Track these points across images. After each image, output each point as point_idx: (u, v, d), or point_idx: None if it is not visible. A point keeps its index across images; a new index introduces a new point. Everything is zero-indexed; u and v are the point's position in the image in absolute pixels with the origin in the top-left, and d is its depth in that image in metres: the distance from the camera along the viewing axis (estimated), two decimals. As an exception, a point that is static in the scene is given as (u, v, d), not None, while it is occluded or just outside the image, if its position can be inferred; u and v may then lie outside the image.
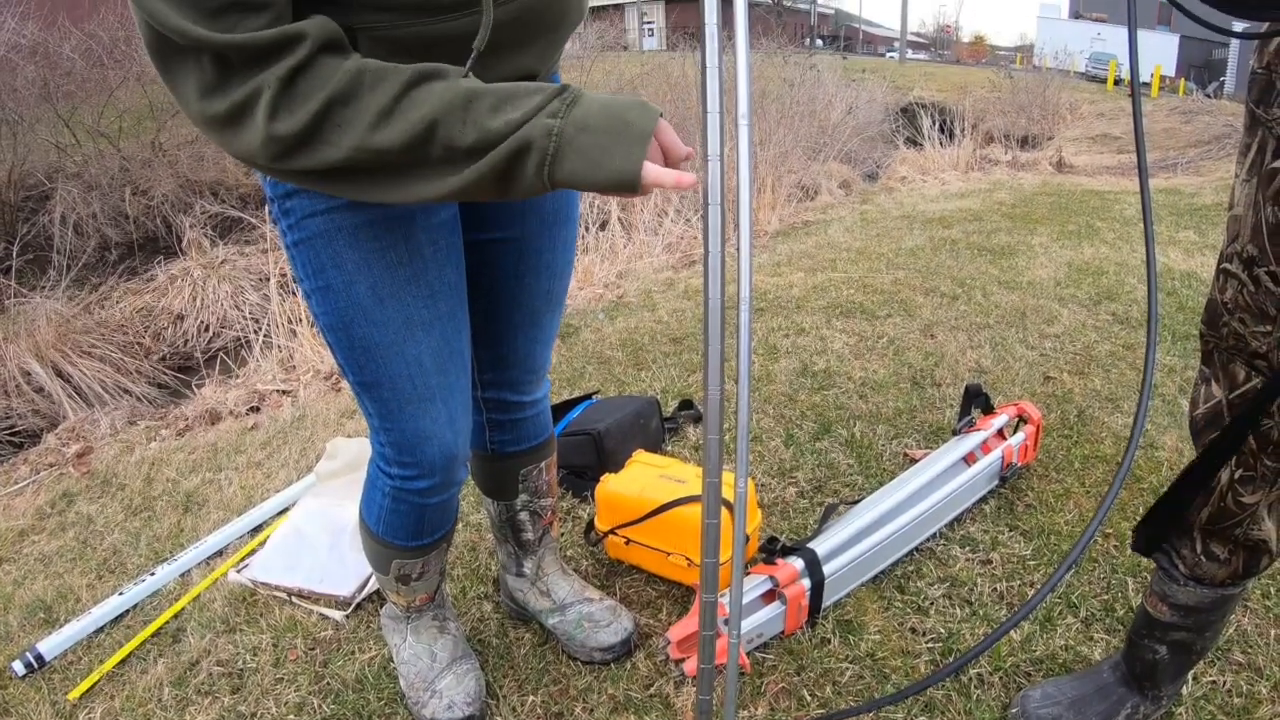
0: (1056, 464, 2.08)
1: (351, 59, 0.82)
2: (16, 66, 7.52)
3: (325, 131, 0.81)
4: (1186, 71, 25.84)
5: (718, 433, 0.88)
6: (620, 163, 0.81)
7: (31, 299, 5.56)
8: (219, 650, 1.68)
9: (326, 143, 0.81)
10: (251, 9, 0.77)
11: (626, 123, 0.82)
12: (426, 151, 0.82)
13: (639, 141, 0.81)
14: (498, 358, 1.34)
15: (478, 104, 0.81)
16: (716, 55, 0.76)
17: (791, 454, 2.22)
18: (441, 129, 0.81)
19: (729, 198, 0.81)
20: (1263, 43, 0.86)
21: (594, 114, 0.81)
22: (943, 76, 22.40)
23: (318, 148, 0.81)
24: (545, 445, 1.50)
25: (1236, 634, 1.48)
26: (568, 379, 2.91)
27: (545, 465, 1.51)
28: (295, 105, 0.79)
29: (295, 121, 0.79)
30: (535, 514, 1.53)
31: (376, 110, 0.80)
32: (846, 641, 1.53)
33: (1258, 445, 0.99)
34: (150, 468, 2.71)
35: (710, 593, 0.97)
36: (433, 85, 0.82)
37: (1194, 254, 4.10)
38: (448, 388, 1.17)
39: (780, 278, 4.06)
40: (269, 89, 0.78)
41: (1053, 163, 9.35)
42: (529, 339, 1.35)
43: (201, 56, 0.78)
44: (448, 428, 1.18)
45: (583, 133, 0.81)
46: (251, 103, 0.79)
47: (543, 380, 1.45)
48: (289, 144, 0.80)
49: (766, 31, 16.12)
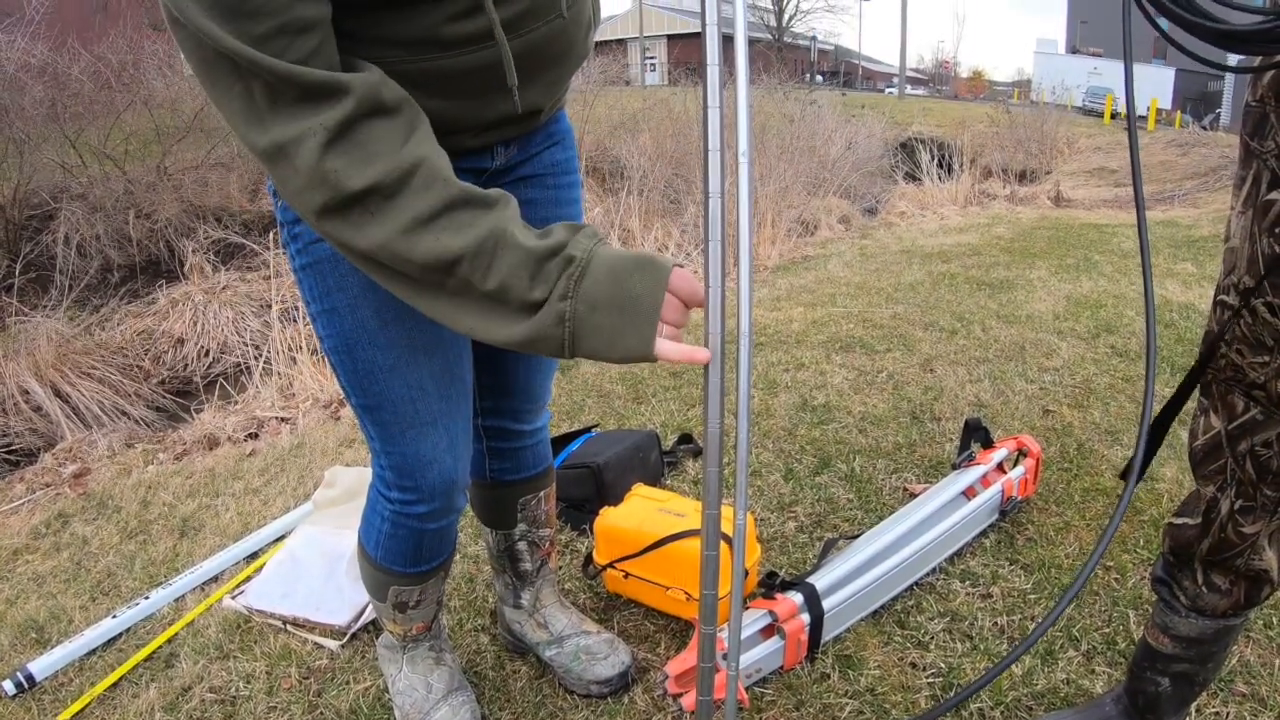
0: (1057, 497, 2.08)
1: (412, 138, 0.83)
2: (25, 86, 7.59)
3: (355, 214, 0.81)
4: (1182, 104, 26.09)
5: (717, 464, 0.89)
6: (633, 343, 0.84)
7: (32, 318, 5.57)
8: (212, 677, 1.66)
9: (352, 224, 0.82)
10: (300, 31, 0.77)
11: (634, 298, 0.84)
12: (442, 278, 0.84)
13: (648, 321, 0.84)
14: (499, 386, 1.35)
15: (506, 255, 0.83)
16: (718, 94, 0.77)
17: (791, 488, 2.22)
18: (464, 266, 0.82)
19: (729, 234, 0.83)
20: (1256, 76, 0.88)
21: (602, 286, 0.83)
22: (941, 112, 22.64)
23: (341, 227, 0.82)
24: (544, 475, 1.50)
25: (1239, 664, 1.47)
26: (567, 412, 2.91)
27: (544, 495, 1.51)
28: (338, 172, 0.79)
29: (331, 192, 0.80)
30: (534, 544, 1.53)
31: (413, 217, 0.81)
32: (846, 676, 1.52)
33: (1257, 475, 0.99)
34: (147, 491, 2.70)
35: (709, 625, 0.96)
36: (475, 214, 0.83)
37: (1192, 286, 4.13)
38: (449, 413, 1.17)
39: (780, 312, 4.08)
40: (314, 137, 0.78)
41: (1051, 197, 9.44)
42: (530, 368, 1.35)
43: (252, 83, 0.78)
44: (448, 453, 1.18)
45: (594, 312, 0.83)
46: (293, 147, 0.79)
47: (543, 410, 1.45)
48: (321, 207, 0.81)
49: (767, 68, 16.31)
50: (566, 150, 1.25)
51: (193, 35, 0.76)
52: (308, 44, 0.78)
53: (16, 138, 7.33)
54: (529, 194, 1.19)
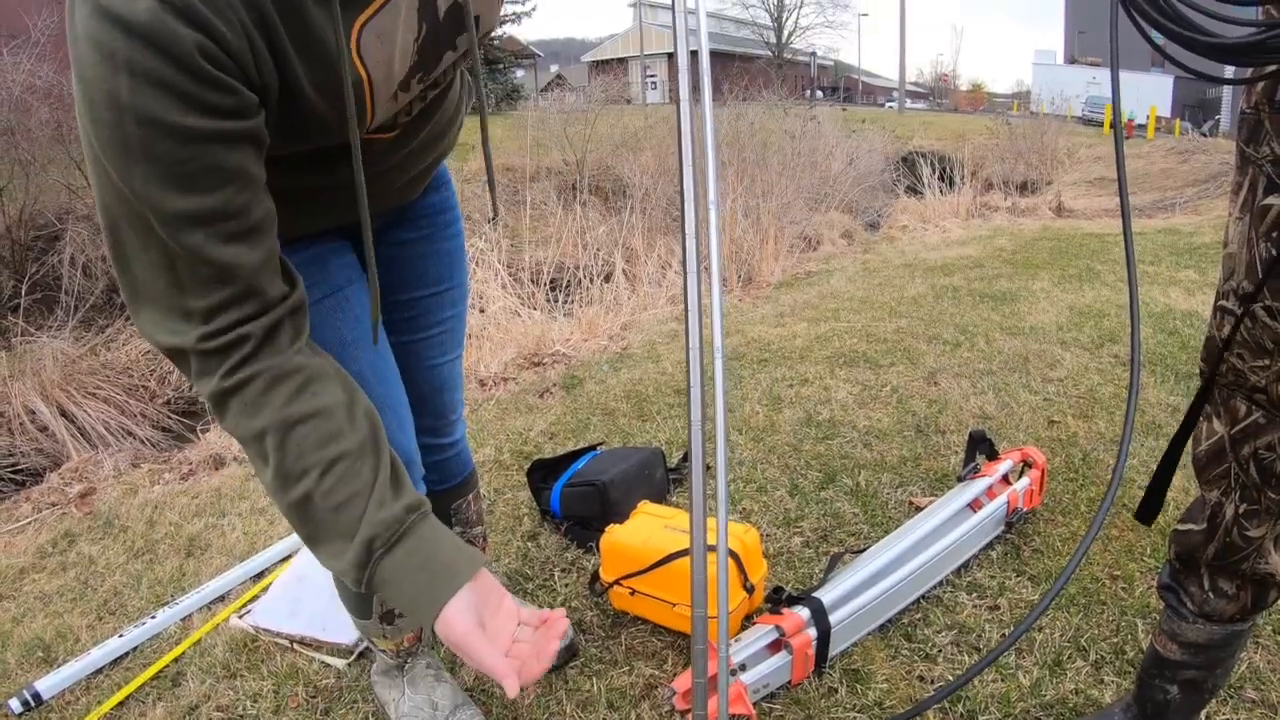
0: (1062, 508, 2.08)
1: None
2: (31, 108, 7.63)
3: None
4: (1181, 111, 26.14)
5: (701, 493, 0.90)
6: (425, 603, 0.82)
7: (38, 338, 5.59)
8: (219, 695, 1.66)
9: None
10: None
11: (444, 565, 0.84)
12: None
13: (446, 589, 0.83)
14: (411, 406, 1.38)
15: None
16: (690, 154, 0.81)
17: (797, 503, 2.22)
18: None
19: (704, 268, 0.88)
20: (1251, 84, 0.89)
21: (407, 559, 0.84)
22: (941, 125, 22.74)
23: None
24: (470, 479, 1.60)
25: (1248, 671, 1.46)
26: (573, 430, 2.91)
27: (472, 498, 1.62)
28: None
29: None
30: (470, 542, 1.55)
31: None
32: (854, 690, 1.51)
33: (1261, 479, 0.99)
34: (153, 510, 2.70)
35: (701, 642, 0.97)
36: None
37: (1195, 293, 4.13)
38: (391, 396, 1.22)
39: (784, 328, 4.09)
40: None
41: (1052, 207, 9.46)
42: (435, 388, 1.43)
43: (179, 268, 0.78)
44: (399, 431, 1.23)
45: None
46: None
47: (458, 422, 1.53)
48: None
49: (768, 84, 16.39)
50: (441, 192, 1.31)
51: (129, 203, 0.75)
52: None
53: (22, 159, 7.37)
54: (405, 235, 1.27)
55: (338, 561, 0.82)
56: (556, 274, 6.43)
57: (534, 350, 4.08)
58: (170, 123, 0.68)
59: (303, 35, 0.76)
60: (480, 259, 5.63)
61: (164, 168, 0.70)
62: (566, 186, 10.86)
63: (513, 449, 2.77)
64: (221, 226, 0.74)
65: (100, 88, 0.67)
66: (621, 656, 1.66)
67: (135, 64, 0.66)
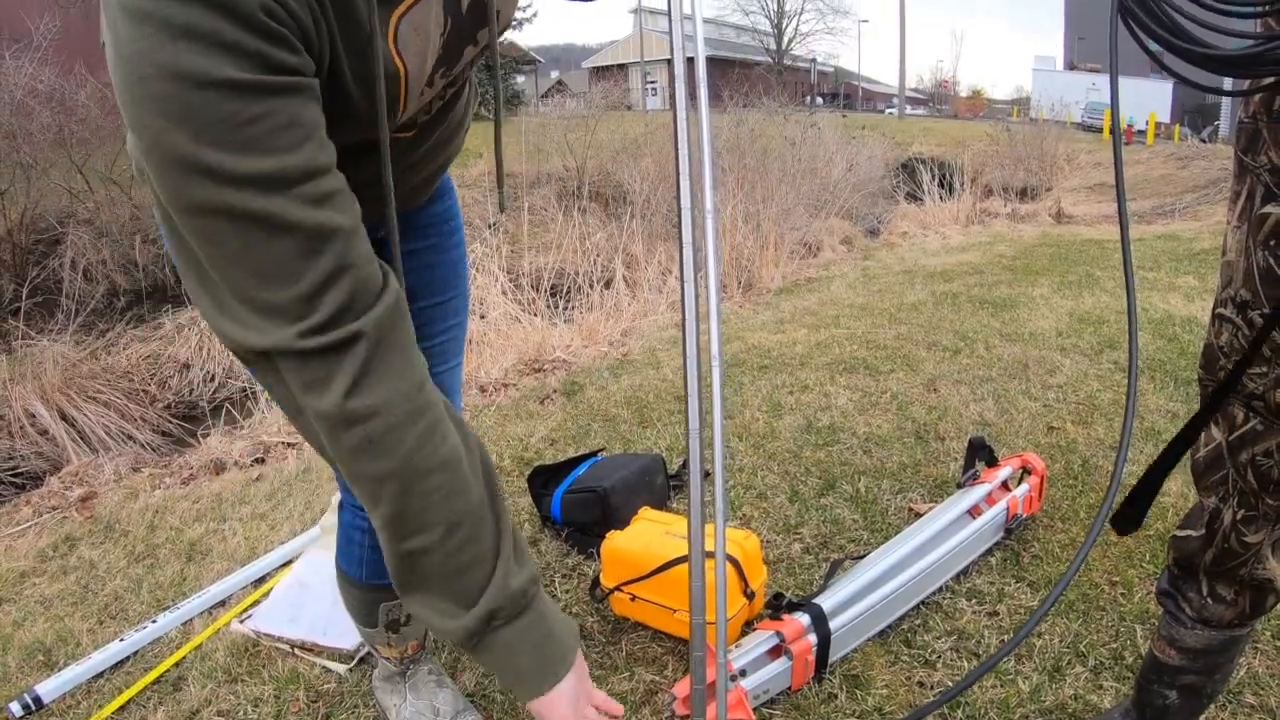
0: (1062, 514, 2.08)
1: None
2: (33, 111, 7.65)
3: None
4: (1181, 116, 26.16)
5: (699, 491, 0.91)
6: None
7: (39, 342, 5.60)
8: (220, 700, 1.67)
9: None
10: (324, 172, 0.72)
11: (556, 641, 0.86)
12: None
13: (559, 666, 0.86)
14: None
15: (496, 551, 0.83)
16: (687, 167, 0.82)
17: (796, 510, 2.22)
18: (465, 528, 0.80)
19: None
20: (1249, 95, 0.90)
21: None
22: (941, 131, 22.78)
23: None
24: None
25: (1247, 676, 1.46)
26: (573, 436, 2.92)
27: None
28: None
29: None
30: None
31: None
32: (854, 696, 1.51)
33: (1259, 485, 1.00)
34: (154, 515, 2.70)
35: (699, 648, 0.97)
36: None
37: (1194, 299, 4.13)
38: None
39: (784, 335, 4.09)
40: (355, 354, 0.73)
41: (1052, 214, 9.48)
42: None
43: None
44: None
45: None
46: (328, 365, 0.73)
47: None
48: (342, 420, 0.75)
49: (768, 91, 16.43)
50: (445, 201, 1.30)
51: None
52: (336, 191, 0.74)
53: (24, 163, 7.39)
54: (412, 245, 1.26)
55: (442, 620, 0.79)
56: (557, 280, 6.45)
57: (534, 356, 4.09)
58: (236, 78, 0.63)
59: (346, 20, 0.73)
60: (481, 265, 5.64)
61: (233, 129, 0.64)
62: (567, 192, 10.89)
63: (513, 455, 2.78)
64: (305, 188, 0.68)
65: (150, 60, 0.62)
66: (622, 662, 1.67)
67: (194, 28, 0.61)
